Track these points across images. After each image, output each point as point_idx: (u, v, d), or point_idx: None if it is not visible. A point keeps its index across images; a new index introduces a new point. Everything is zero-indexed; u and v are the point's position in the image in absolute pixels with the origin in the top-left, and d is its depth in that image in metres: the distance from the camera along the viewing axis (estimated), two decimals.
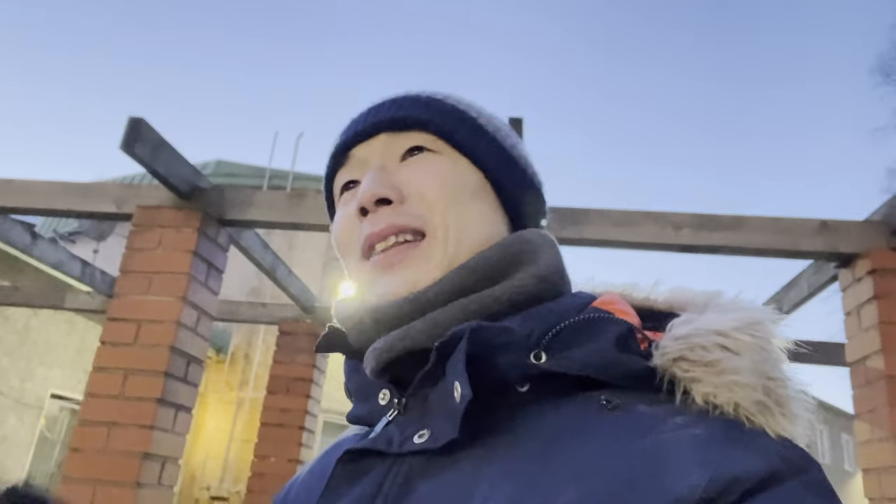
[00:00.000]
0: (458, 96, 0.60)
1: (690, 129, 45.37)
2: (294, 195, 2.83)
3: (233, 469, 8.43)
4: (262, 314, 4.41)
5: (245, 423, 8.54)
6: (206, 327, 2.75)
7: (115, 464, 2.37)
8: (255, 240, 3.30)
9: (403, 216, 0.52)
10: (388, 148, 0.56)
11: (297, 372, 4.21)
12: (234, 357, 8.90)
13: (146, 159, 2.45)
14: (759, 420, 0.41)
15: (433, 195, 0.52)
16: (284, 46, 53.67)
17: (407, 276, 0.51)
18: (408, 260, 0.51)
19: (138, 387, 2.47)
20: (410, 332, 0.48)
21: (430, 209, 0.52)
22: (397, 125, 0.56)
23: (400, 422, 0.49)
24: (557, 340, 0.46)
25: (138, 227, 2.71)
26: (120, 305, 2.60)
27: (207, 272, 2.74)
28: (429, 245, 0.51)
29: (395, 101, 0.58)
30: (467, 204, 0.53)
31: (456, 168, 0.55)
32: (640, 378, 0.45)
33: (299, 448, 4.11)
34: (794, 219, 2.57)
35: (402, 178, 0.54)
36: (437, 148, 0.55)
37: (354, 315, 0.53)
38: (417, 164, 0.55)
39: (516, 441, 0.43)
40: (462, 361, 0.43)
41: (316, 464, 0.59)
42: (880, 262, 2.38)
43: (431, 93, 0.59)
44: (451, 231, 0.52)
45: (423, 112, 0.56)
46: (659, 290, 0.54)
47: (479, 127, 0.58)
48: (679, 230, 2.60)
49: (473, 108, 0.59)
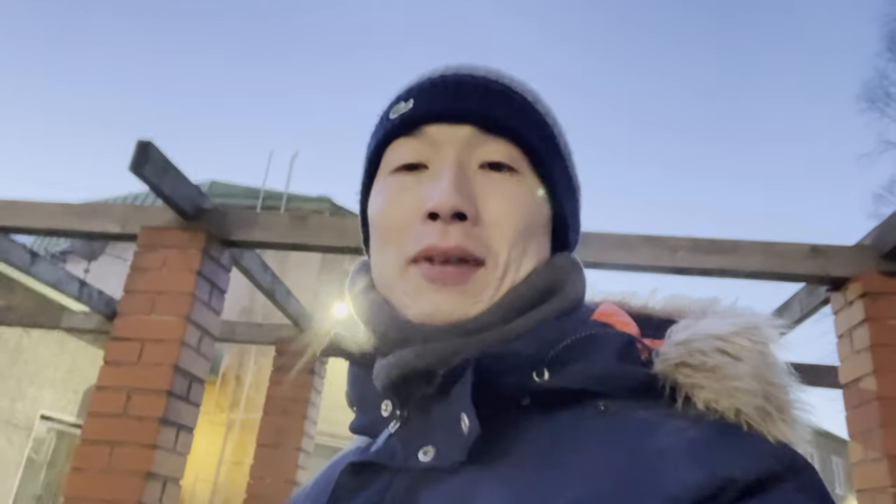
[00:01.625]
0: (541, 95, 0.57)
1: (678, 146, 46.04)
2: (297, 216, 2.87)
3: (222, 492, 8.33)
4: (258, 334, 4.42)
5: (235, 444, 8.46)
6: (209, 347, 2.77)
7: (118, 483, 2.38)
8: (256, 260, 3.33)
9: (474, 241, 0.49)
10: (472, 146, 0.51)
11: (294, 392, 4.21)
12: (225, 378, 8.84)
13: (153, 181, 2.49)
14: (759, 426, 0.41)
15: (508, 228, 0.50)
16: (279, 66, 54.20)
17: (457, 303, 0.48)
18: (465, 284, 0.48)
19: (141, 406, 2.48)
20: (426, 352, 0.47)
21: (499, 241, 0.50)
22: (489, 125, 0.51)
23: (402, 435, 0.48)
24: (560, 358, 0.46)
25: (143, 247, 2.74)
26: (123, 325, 2.62)
27: (210, 292, 2.77)
28: (485, 276, 0.49)
29: (489, 88, 0.53)
30: (532, 243, 0.51)
31: (533, 199, 0.52)
32: (642, 386, 0.45)
33: (296, 469, 4.10)
34: (786, 243, 2.64)
35: (479, 192, 0.50)
36: (519, 167, 0.52)
37: (382, 322, 0.51)
38: (501, 183, 0.51)
39: (517, 450, 0.44)
40: (468, 393, 0.43)
41: (320, 477, 0.58)
42: (871, 286, 2.44)
43: (523, 88, 0.55)
44: (509, 270, 0.50)
45: (518, 120, 0.52)
46: (656, 299, 0.55)
47: (557, 147, 0.55)
48: (675, 253, 2.66)
49: (551, 116, 0.56)
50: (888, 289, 2.43)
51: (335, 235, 2.82)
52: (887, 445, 2.22)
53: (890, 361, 2.32)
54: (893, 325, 2.38)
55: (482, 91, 0.52)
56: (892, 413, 2.26)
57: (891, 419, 2.25)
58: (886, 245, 2.45)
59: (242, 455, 8.27)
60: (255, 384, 8.60)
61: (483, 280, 0.49)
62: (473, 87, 0.52)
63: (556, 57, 58.65)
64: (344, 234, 2.81)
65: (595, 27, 52.35)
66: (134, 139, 2.45)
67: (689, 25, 44.83)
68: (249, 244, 2.89)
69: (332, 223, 2.93)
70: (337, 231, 2.83)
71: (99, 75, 54.75)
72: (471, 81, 0.53)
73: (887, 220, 2.49)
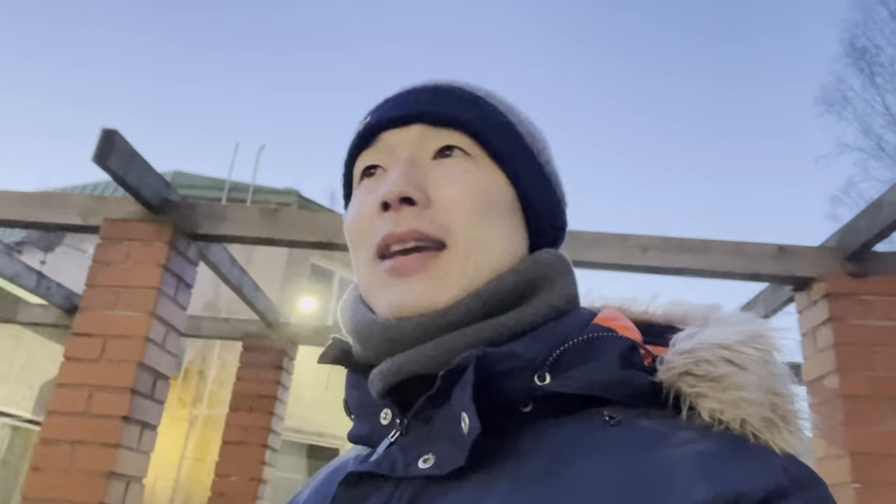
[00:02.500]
0: (500, 95, 0.57)
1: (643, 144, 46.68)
2: (267, 210, 2.82)
3: (184, 489, 8.18)
4: (225, 330, 4.34)
5: (198, 441, 8.32)
6: (175, 343, 2.70)
7: (79, 484, 2.30)
8: (224, 254, 3.26)
9: (427, 223, 0.49)
10: (422, 141, 0.52)
11: (261, 389, 4.14)
12: (188, 373, 8.68)
13: (118, 171, 2.41)
14: (765, 436, 0.41)
15: (462, 207, 0.50)
16: (246, 58, 53.22)
17: (423, 290, 0.48)
18: (425, 271, 0.48)
19: (103, 404, 2.40)
20: (419, 356, 0.47)
21: (455, 221, 0.49)
22: (436, 119, 0.52)
23: (403, 444, 0.47)
24: (561, 361, 0.46)
25: (106, 239, 2.65)
26: (85, 320, 2.53)
27: (177, 287, 2.70)
28: (448, 259, 0.48)
29: (437, 89, 0.55)
30: (495, 221, 0.50)
31: (489, 180, 0.52)
32: (646, 394, 0.44)
33: (262, 467, 4.04)
34: (754, 243, 2.68)
35: (432, 179, 0.51)
36: (472, 152, 0.52)
37: (363, 330, 0.51)
38: (450, 167, 0.51)
39: (520, 461, 0.43)
40: (469, 392, 0.42)
41: (317, 487, 0.57)
42: (835, 287, 2.50)
43: (475, 88, 0.56)
44: (472, 249, 0.49)
45: (466, 111, 0.53)
46: (657, 304, 0.54)
47: (519, 137, 0.55)
48: (646, 252, 2.68)
49: (513, 113, 0.56)
50: (851, 290, 2.50)
51: (306, 230, 2.77)
52: (850, 442, 2.28)
53: (852, 360, 2.38)
54: (856, 324, 2.44)
55: (431, 92, 0.55)
56: (855, 411, 2.32)
57: (853, 417, 2.31)
58: (850, 247, 2.51)
59: (205, 452, 8.14)
60: (218, 379, 8.46)
61: (445, 263, 0.48)
62: (423, 91, 0.55)
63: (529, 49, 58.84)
64: (315, 228, 2.76)
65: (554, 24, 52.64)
66: (92, 126, 2.37)
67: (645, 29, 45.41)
68: (218, 238, 2.83)
69: (304, 217, 2.88)
70: (308, 226, 2.78)
71: (58, 57, 53.10)
72: (421, 88, 0.55)
73: (851, 222, 2.56)
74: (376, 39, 54.60)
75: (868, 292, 2.49)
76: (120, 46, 54.77)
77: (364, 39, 55.92)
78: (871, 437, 2.29)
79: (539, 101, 45.90)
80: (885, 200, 2.33)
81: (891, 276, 2.52)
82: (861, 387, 2.35)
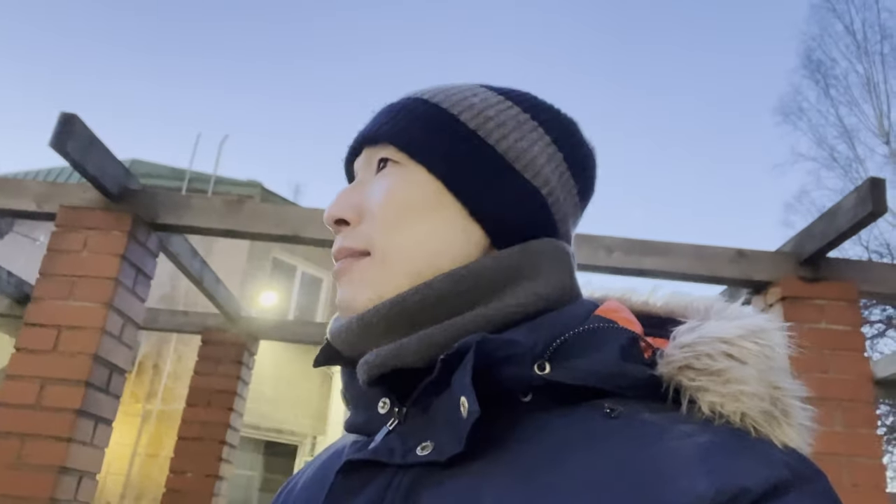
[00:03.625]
0: (449, 92, 0.56)
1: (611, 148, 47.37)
2: (232, 202, 2.77)
3: (135, 486, 7.99)
4: (184, 323, 4.24)
5: (151, 436, 8.13)
6: (132, 336, 2.63)
7: (28, 479, 2.22)
8: (185, 246, 3.19)
9: (352, 239, 0.53)
10: (368, 162, 0.57)
11: (220, 384, 4.07)
12: (142, 367, 8.47)
13: (76, 158, 2.33)
14: (765, 430, 0.41)
15: (377, 216, 0.52)
16: (213, 48, 51.90)
17: (349, 291, 0.52)
18: (350, 274, 0.53)
19: (56, 397, 2.32)
20: (403, 350, 0.47)
21: (373, 230, 0.52)
22: (371, 139, 0.56)
23: (401, 431, 0.48)
24: (561, 351, 0.46)
25: (62, 227, 2.56)
26: (38, 310, 2.45)
27: (136, 278, 2.63)
28: (367, 264, 0.52)
29: (381, 111, 0.58)
30: (412, 220, 0.51)
31: (406, 181, 0.53)
32: (645, 387, 0.45)
33: (219, 463, 3.96)
34: (714, 247, 2.75)
35: (367, 194, 0.55)
36: (398, 159, 0.54)
37: (337, 331, 0.53)
38: (377, 179, 0.55)
39: (520, 451, 0.43)
40: (468, 375, 0.43)
41: (313, 475, 0.57)
42: (789, 291, 2.58)
43: (414, 95, 0.57)
44: (390, 251, 0.51)
45: (388, 123, 0.55)
46: (657, 296, 0.54)
47: (447, 127, 0.53)
48: (611, 253, 2.72)
49: (459, 103, 0.54)
50: (805, 293, 2.58)
51: (271, 223, 2.73)
52: None
53: (806, 363, 2.45)
54: (809, 328, 2.52)
55: (375, 115, 0.58)
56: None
57: None
58: (805, 252, 2.59)
59: (158, 448, 7.96)
60: (174, 374, 8.28)
61: (364, 267, 0.52)
62: (372, 115, 0.58)
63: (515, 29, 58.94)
64: (281, 221, 2.72)
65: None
66: (48, 111, 2.29)
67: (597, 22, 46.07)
68: (179, 228, 2.76)
69: (269, 210, 2.84)
70: (273, 218, 2.74)
71: (12, 42, 51.04)
72: (371, 115, 0.59)
73: (807, 228, 2.64)
74: (345, 31, 54.13)
75: (821, 297, 2.57)
76: (77, 34, 53.13)
77: (331, 31, 55.37)
78: (820, 438, 2.30)
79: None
80: (841, 208, 2.41)
81: (842, 282, 2.61)
82: (812, 389, 2.40)
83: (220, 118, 49.84)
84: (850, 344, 2.50)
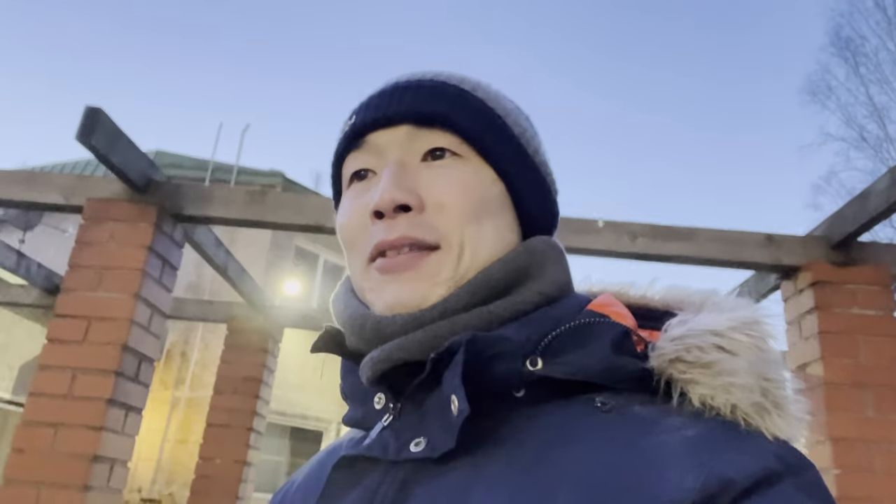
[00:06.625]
0: (486, 87, 0.56)
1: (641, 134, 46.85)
2: (255, 192, 2.78)
3: (165, 471, 8.15)
4: (210, 312, 4.30)
5: (180, 423, 8.28)
6: (160, 325, 2.66)
7: (62, 466, 2.27)
8: (210, 236, 3.22)
9: (420, 228, 0.49)
10: (410, 143, 0.52)
11: (246, 371, 4.12)
12: (170, 355, 8.62)
13: (102, 151, 2.35)
14: (756, 422, 0.41)
15: (455, 209, 0.50)
16: (233, 37, 52.10)
17: (415, 288, 0.48)
18: (418, 269, 0.49)
19: (87, 386, 2.37)
20: (408, 343, 0.47)
21: (448, 223, 0.50)
22: (423, 119, 0.52)
23: (395, 427, 0.48)
24: (553, 346, 0.46)
25: (89, 220, 2.60)
26: (68, 301, 2.49)
27: (162, 269, 2.66)
28: (440, 258, 0.49)
29: (420, 87, 0.54)
30: (486, 219, 0.51)
31: (479, 178, 0.52)
32: (637, 380, 0.44)
33: (247, 449, 4.03)
34: (741, 232, 2.70)
35: (423, 182, 0.51)
36: (461, 152, 0.52)
37: (356, 321, 0.51)
38: (440, 169, 0.51)
39: (512, 446, 0.43)
40: (459, 375, 0.42)
41: (312, 469, 0.57)
42: (820, 276, 2.52)
43: (460, 81, 0.55)
44: (466, 249, 0.49)
45: (451, 109, 0.52)
46: (655, 289, 0.54)
47: (506, 129, 0.54)
48: (635, 239, 2.69)
49: (501, 105, 0.56)
50: (836, 278, 2.52)
51: (294, 212, 2.74)
52: (831, 429, 2.32)
53: (836, 348, 2.41)
54: (840, 313, 2.47)
55: (414, 90, 0.54)
56: (837, 398, 2.36)
57: (835, 404, 2.35)
58: (836, 236, 2.54)
59: (188, 433, 8.11)
60: (201, 361, 8.41)
61: (437, 262, 0.49)
62: (406, 89, 0.54)
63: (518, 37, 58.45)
64: (303, 211, 2.73)
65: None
66: (73, 104, 2.32)
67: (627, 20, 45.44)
68: (204, 219, 2.78)
69: (291, 200, 2.85)
70: (295, 208, 2.75)
71: (38, 37, 51.83)
72: (404, 85, 0.54)
73: (838, 211, 2.58)
74: (364, 22, 54.03)
75: (853, 281, 2.52)
76: (100, 26, 53.68)
77: (351, 22, 55.31)
78: (852, 423, 2.33)
79: (529, 92, 45.62)
80: (873, 190, 2.35)
81: (875, 266, 2.55)
82: (844, 375, 2.38)
83: (241, 107, 50.16)
84: (884, 329, 2.45)
